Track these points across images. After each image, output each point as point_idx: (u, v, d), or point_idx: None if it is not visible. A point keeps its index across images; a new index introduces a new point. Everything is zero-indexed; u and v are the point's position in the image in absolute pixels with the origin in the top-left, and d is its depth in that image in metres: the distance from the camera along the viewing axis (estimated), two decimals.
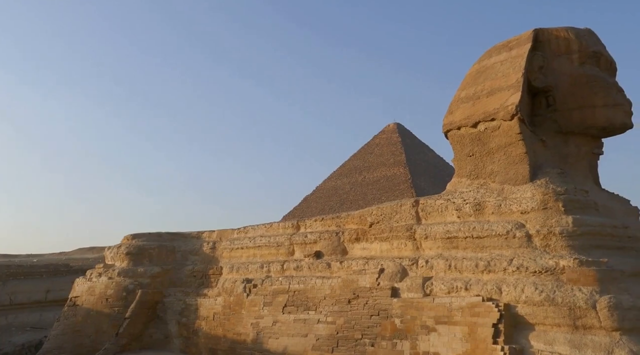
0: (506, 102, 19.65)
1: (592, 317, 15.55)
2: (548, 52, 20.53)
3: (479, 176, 20.97)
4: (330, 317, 22.00)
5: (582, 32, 20.56)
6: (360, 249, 23.54)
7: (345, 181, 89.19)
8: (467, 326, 17.59)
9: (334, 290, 22.57)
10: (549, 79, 20.20)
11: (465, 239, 19.54)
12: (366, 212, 23.86)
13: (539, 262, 17.17)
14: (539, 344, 16.16)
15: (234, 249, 29.21)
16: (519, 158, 19.62)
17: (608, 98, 19.54)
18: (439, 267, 19.66)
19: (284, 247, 26.85)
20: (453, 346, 17.79)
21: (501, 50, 21.42)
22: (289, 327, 23.28)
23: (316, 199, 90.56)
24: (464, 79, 22.54)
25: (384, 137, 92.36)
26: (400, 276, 20.66)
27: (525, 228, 18.21)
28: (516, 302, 16.99)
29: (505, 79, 20.29)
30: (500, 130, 19.94)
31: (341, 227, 25.06)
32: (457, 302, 18.16)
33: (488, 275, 18.20)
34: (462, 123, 21.23)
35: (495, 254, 18.60)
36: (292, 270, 25.48)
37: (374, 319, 20.40)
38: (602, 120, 19.60)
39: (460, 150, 21.69)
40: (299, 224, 27.40)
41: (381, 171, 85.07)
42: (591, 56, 19.99)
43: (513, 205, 18.93)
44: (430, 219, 21.27)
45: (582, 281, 16.16)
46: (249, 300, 25.73)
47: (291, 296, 24.07)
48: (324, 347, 21.51)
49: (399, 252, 21.74)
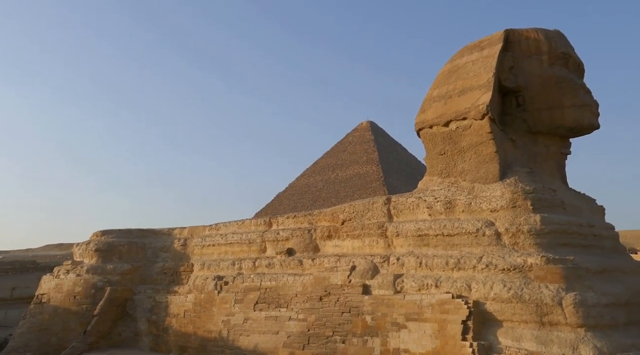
0: (477, 102, 19.86)
1: (558, 314, 15.85)
2: (518, 52, 20.83)
3: (450, 174, 21.17)
4: (301, 314, 22.00)
5: (552, 33, 20.90)
6: (332, 246, 23.58)
7: (318, 178, 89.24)
8: (437, 323, 17.75)
9: (305, 288, 22.57)
10: (519, 79, 20.49)
11: (436, 237, 19.72)
12: (338, 209, 23.91)
13: (508, 259, 17.42)
14: (507, 340, 16.40)
15: (206, 246, 28.99)
16: (489, 157, 19.86)
17: (576, 99, 19.89)
18: (410, 264, 19.81)
19: (255, 244, 26.75)
20: (423, 343, 17.94)
21: (473, 50, 21.64)
22: (260, 325, 23.20)
23: (289, 196, 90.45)
24: (436, 78, 22.71)
25: (357, 135, 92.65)
26: (371, 273, 20.76)
27: (494, 226, 18.45)
28: (485, 299, 17.21)
29: (476, 78, 20.50)
30: (471, 129, 20.16)
31: (313, 224, 25.07)
32: (428, 299, 18.32)
33: (458, 272, 18.40)
34: (434, 122, 21.40)
35: (465, 251, 18.81)
36: (263, 268, 25.41)
37: (345, 316, 20.45)
38: (570, 120, 19.95)
39: (432, 149, 21.86)
40: (271, 221, 27.33)
41: (354, 169, 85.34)
42: (560, 57, 20.32)
43: (483, 204, 19.16)
44: (402, 217, 21.42)
45: (549, 278, 16.45)
46: (220, 297, 25.57)
47: (263, 293, 23.99)
48: (295, 344, 21.49)
49: (371, 250, 21.84)
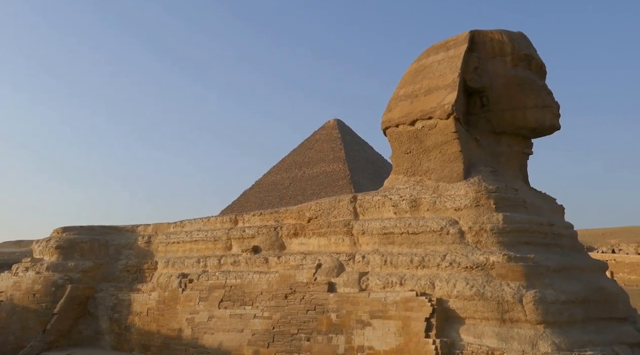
0: (443, 101, 20.09)
1: (519, 311, 16.15)
2: (483, 53, 21.13)
3: (415, 173, 21.37)
4: (266, 312, 21.93)
5: (515, 35, 21.27)
6: (298, 244, 23.57)
7: (284, 176, 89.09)
8: (401, 320, 17.91)
9: (271, 285, 22.51)
10: (483, 79, 20.79)
11: (401, 235, 19.89)
12: (305, 207, 23.91)
13: (471, 258, 17.68)
14: (469, 337, 16.65)
15: (170, 243, 28.67)
16: (454, 156, 20.12)
17: (538, 100, 20.28)
18: (375, 262, 19.94)
19: (221, 242, 26.56)
20: (387, 340, 18.08)
21: (439, 50, 21.87)
22: (224, 323, 23.05)
23: (255, 193, 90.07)
24: (403, 77, 22.89)
25: (324, 133, 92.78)
26: (337, 271, 20.82)
27: (458, 225, 18.70)
28: (448, 296, 17.44)
29: (442, 78, 20.73)
30: (436, 129, 20.38)
31: (279, 222, 25.01)
32: (392, 296, 18.47)
33: (422, 270, 18.58)
34: (401, 121, 21.56)
35: (429, 249, 19.01)
36: (229, 265, 25.25)
37: (310, 314, 20.47)
38: (533, 121, 20.33)
39: (398, 148, 22.03)
40: (237, 219, 27.17)
41: (321, 167, 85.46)
42: (523, 59, 20.68)
43: (447, 202, 19.40)
44: (368, 215, 21.54)
45: (510, 276, 16.75)
46: (184, 295, 25.32)
47: (228, 291, 23.84)
48: (259, 342, 21.42)
49: (337, 248, 21.91)
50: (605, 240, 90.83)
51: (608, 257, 67.27)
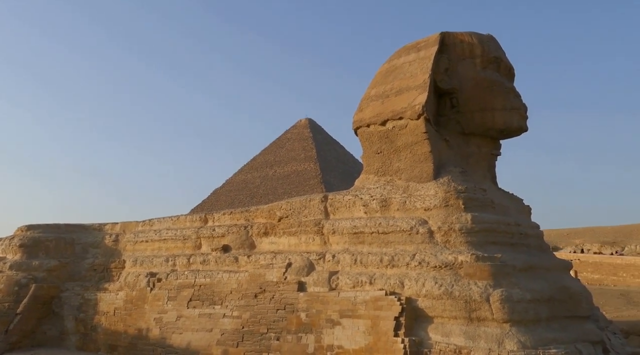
0: (413, 102, 20.25)
1: (486, 310, 16.39)
2: (453, 55, 21.35)
3: (386, 173, 21.49)
4: (236, 311, 21.81)
5: (485, 37, 21.56)
6: (268, 243, 23.49)
7: (255, 175, 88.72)
8: (370, 319, 18.00)
9: (240, 285, 22.40)
10: (453, 81, 21.01)
11: (371, 235, 19.98)
12: (275, 206, 23.84)
13: (440, 257, 17.85)
14: (437, 336, 16.82)
15: (138, 242, 28.29)
16: (424, 156, 20.29)
17: (507, 102, 20.60)
18: (345, 261, 19.99)
19: (190, 241, 26.32)
20: (356, 339, 18.14)
21: (410, 51, 22.04)
22: (193, 322, 22.85)
23: (226, 192, 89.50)
24: (375, 78, 23.01)
25: (296, 132, 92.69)
26: (307, 270, 20.82)
27: (427, 224, 18.87)
28: (417, 295, 17.58)
29: (413, 79, 20.90)
30: (407, 129, 20.53)
31: (250, 221, 24.89)
32: (362, 296, 18.55)
33: (392, 269, 18.70)
34: (372, 121, 21.66)
35: (399, 249, 19.14)
36: (198, 264, 25.03)
37: (280, 313, 20.43)
38: (501, 123, 20.63)
39: (368, 148, 22.13)
40: (207, 217, 26.94)
41: (292, 166, 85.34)
42: (492, 61, 20.98)
43: (417, 202, 19.56)
44: (338, 214, 21.58)
45: (478, 276, 16.98)
46: (152, 294, 25.01)
47: (197, 290, 23.64)
48: (228, 341, 21.29)
49: (307, 247, 21.90)
50: (570, 240, 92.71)
51: (573, 256, 68.66)
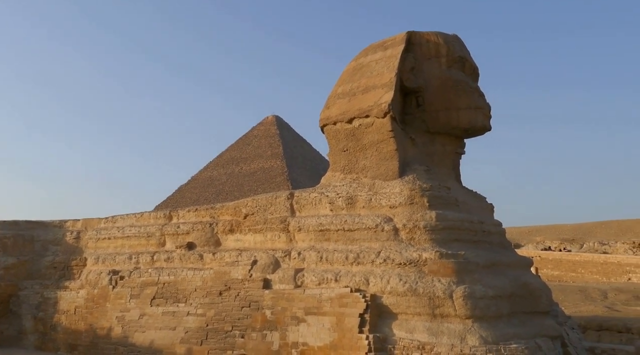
0: (380, 100, 20.38)
1: (449, 306, 16.63)
2: (419, 54, 21.56)
3: (352, 171, 21.58)
4: (200, 309, 21.63)
5: (450, 37, 21.83)
6: (234, 241, 23.34)
7: (221, 172, 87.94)
8: (335, 316, 18.06)
9: (205, 282, 22.21)
10: (419, 80, 21.22)
11: (337, 232, 20.05)
12: (241, 203, 23.70)
13: (404, 254, 18.03)
14: (401, 332, 17.00)
15: (101, 239, 27.77)
16: (390, 155, 20.45)
17: (471, 101, 20.90)
18: (311, 259, 20.02)
19: (154, 238, 25.96)
20: (321, 336, 18.19)
21: (377, 49, 22.17)
22: (156, 320, 22.56)
23: (191, 189, 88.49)
24: (342, 75, 23.07)
25: (262, 129, 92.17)
26: (272, 268, 20.78)
27: (393, 222, 19.03)
28: (382, 292, 17.72)
29: (379, 77, 21.03)
30: (373, 127, 20.65)
31: (215, 218, 24.69)
32: (327, 293, 18.59)
33: (357, 267, 18.80)
34: (338, 118, 21.72)
35: (364, 246, 19.26)
36: (162, 262, 24.72)
37: (245, 311, 20.34)
38: (465, 122, 20.92)
39: (335, 145, 22.19)
40: (171, 214, 26.61)
41: (258, 163, 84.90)
42: (457, 61, 21.26)
43: (383, 200, 19.70)
44: (305, 212, 21.58)
45: (442, 272, 17.21)
46: (114, 292, 24.59)
47: (160, 288, 23.35)
48: (192, 339, 21.10)
49: (273, 244, 21.85)
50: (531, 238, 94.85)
51: (534, 253, 70.29)
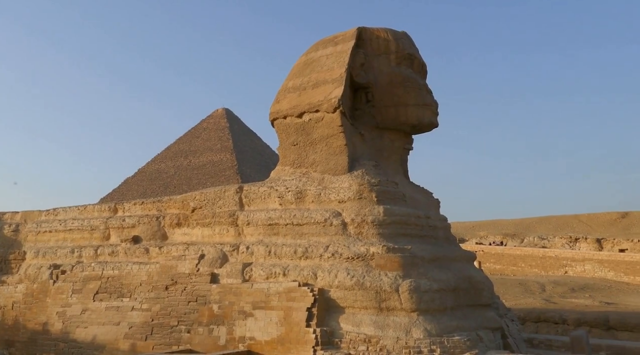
0: (330, 95, 20.47)
1: (395, 300, 16.93)
2: (369, 50, 21.77)
3: (301, 165, 21.62)
4: (145, 304, 21.26)
5: (400, 34, 22.13)
6: (181, 234, 23.04)
7: (169, 164, 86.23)
8: (283, 310, 18.11)
9: (151, 276, 21.84)
10: (369, 76, 21.42)
11: (286, 226, 20.07)
12: (189, 196, 23.40)
13: (352, 248, 18.22)
14: (348, 326, 17.19)
15: (41, 233, 26.90)
16: (339, 149, 20.58)
17: (419, 98, 21.25)
18: (259, 253, 19.98)
19: (98, 231, 25.33)
20: (269, 330, 18.21)
21: (327, 44, 22.24)
22: (99, 315, 22.04)
23: (138, 181, 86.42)
24: (292, 70, 23.04)
25: (212, 122, 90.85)
26: (220, 262, 20.62)
27: (341, 216, 19.18)
28: (330, 286, 17.86)
29: (330, 72, 21.11)
30: (323, 122, 20.73)
31: (162, 211, 24.29)
32: (275, 287, 18.61)
33: (305, 261, 18.89)
34: (288, 112, 21.70)
35: (313, 240, 19.35)
36: (106, 256, 24.17)
37: (192, 305, 20.12)
38: (413, 118, 21.27)
39: (285, 139, 22.17)
40: (116, 207, 26.02)
41: (207, 156, 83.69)
42: (406, 58, 21.58)
43: (332, 195, 19.82)
44: (254, 206, 21.49)
45: (389, 267, 17.49)
46: (55, 287, 23.88)
47: (104, 283, 22.82)
48: (137, 335, 20.72)
49: (221, 238, 21.68)
50: (475, 233, 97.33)
51: (477, 248, 72.29)
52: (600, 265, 60.87)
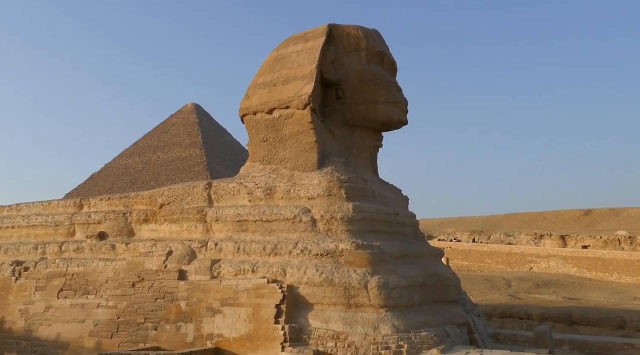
0: (300, 92, 20.42)
1: (364, 297, 17.00)
2: (340, 47, 21.79)
3: (271, 162, 21.53)
4: (111, 301, 20.92)
5: (370, 32, 22.20)
6: (149, 231, 22.74)
7: (137, 160, 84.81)
8: (252, 307, 18.03)
9: (117, 274, 21.50)
10: (340, 73, 21.45)
11: (255, 223, 19.97)
12: (157, 193, 23.10)
13: (322, 245, 18.23)
14: (317, 323, 17.20)
15: (3, 229, 26.32)
16: (309, 146, 20.56)
17: (389, 96, 21.38)
18: (228, 250, 19.85)
19: (63, 227, 24.84)
20: (237, 327, 18.10)
21: (298, 40, 22.17)
22: (64, 313, 21.61)
23: (105, 177, 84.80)
24: (262, 66, 22.91)
25: (181, 118, 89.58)
26: (189, 259, 20.42)
27: (311, 213, 19.17)
28: (299, 283, 17.85)
29: (300, 69, 21.05)
30: (293, 119, 20.67)
31: (129, 207, 23.92)
32: (244, 284, 18.51)
33: (275, 258, 18.83)
34: (259, 109, 21.58)
35: (282, 237, 19.30)
36: (71, 252, 23.72)
37: (159, 303, 19.88)
38: (383, 115, 21.39)
39: (255, 136, 22.05)
40: (82, 203, 25.53)
41: (176, 152, 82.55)
42: (377, 56, 21.66)
43: (301, 191, 19.79)
44: (223, 202, 21.33)
45: (358, 263, 17.55)
46: (18, 284, 23.34)
47: (69, 280, 22.38)
48: (102, 333, 20.38)
49: (189, 235, 21.47)
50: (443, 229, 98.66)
51: (445, 245, 73.14)
52: (564, 262, 62.25)
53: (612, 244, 69.01)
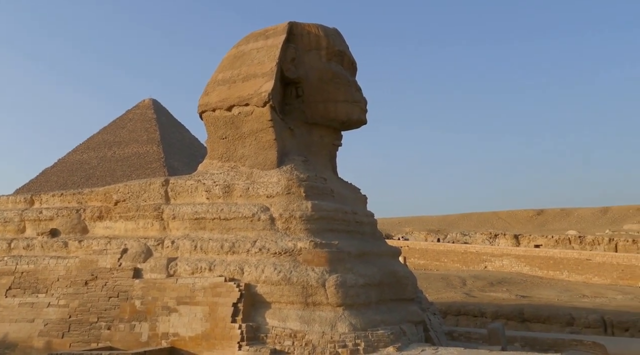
0: (260, 89, 20.32)
1: (322, 295, 17.06)
2: (300, 45, 21.77)
3: (230, 159, 21.37)
4: (63, 300, 20.38)
5: (331, 31, 22.27)
6: (103, 228, 22.24)
7: (92, 155, 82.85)
8: (209, 306, 17.86)
9: (69, 271, 20.97)
10: (300, 71, 21.42)
11: (213, 221, 19.78)
12: (112, 189, 22.61)
13: (280, 244, 18.19)
14: (274, 321, 17.16)
15: None
16: (269, 144, 20.49)
17: (348, 95, 21.49)
18: (185, 247, 19.60)
19: (13, 224, 24.06)
20: (193, 326, 17.90)
21: (258, 37, 22.05)
22: (12, 312, 20.94)
23: (57, 172, 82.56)
24: (222, 62, 22.70)
25: (138, 113, 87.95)
26: (144, 257, 20.08)
27: (269, 211, 19.10)
28: (256, 281, 17.77)
29: (260, 66, 20.95)
30: (252, 116, 20.56)
31: (83, 204, 23.35)
32: (200, 282, 18.32)
33: (232, 256, 18.70)
34: (217, 105, 21.37)
35: (240, 235, 19.18)
36: (21, 249, 23.00)
37: (113, 301, 19.48)
38: (343, 114, 21.49)
39: (213, 132, 21.83)
40: (33, 199, 24.77)
41: (133, 148, 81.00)
42: (337, 54, 21.74)
43: (260, 189, 19.70)
44: (180, 199, 21.05)
45: (316, 262, 17.60)
46: None
47: (18, 278, 21.71)
48: (53, 332, 19.83)
49: (145, 232, 21.11)
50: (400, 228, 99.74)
51: (402, 243, 74.03)
52: (517, 260, 63.80)
53: (562, 243, 71.20)
